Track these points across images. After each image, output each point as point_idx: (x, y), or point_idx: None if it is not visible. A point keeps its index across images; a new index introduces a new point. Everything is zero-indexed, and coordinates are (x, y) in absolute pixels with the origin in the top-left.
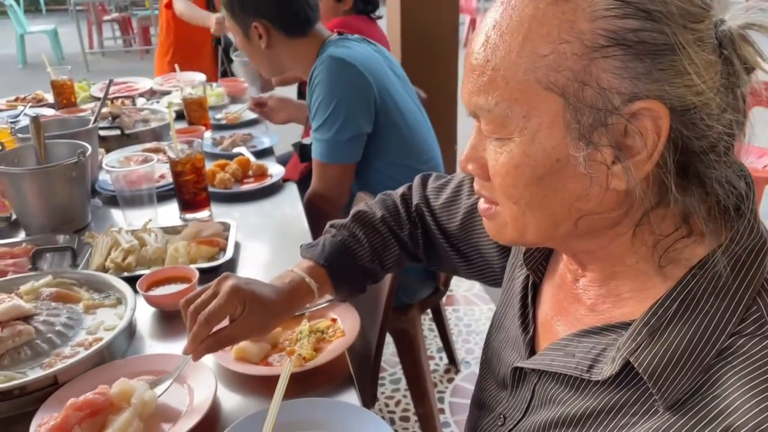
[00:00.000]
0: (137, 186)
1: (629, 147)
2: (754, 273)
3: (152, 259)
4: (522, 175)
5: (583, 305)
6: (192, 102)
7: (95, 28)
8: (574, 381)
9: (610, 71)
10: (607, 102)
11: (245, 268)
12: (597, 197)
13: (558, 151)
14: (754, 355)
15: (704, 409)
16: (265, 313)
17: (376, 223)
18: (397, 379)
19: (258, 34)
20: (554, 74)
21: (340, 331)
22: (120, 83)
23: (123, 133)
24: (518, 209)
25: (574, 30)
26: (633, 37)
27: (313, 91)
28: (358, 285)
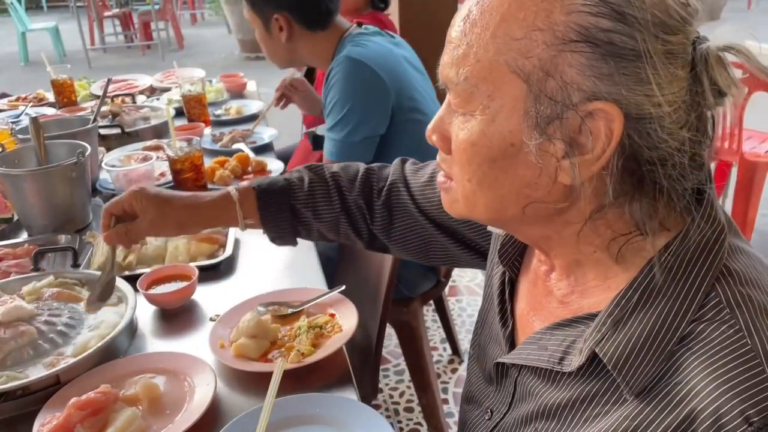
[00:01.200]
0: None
1: (580, 145)
2: (712, 261)
3: (153, 257)
4: (477, 153)
5: (554, 298)
6: (191, 99)
7: (96, 24)
8: (549, 373)
9: (574, 66)
10: (567, 97)
11: (245, 265)
12: (545, 187)
13: (513, 136)
14: (713, 340)
15: (668, 396)
16: (163, 208)
17: (325, 175)
18: (401, 371)
19: (279, 26)
20: (522, 59)
21: (338, 326)
22: (120, 81)
23: (123, 132)
24: (470, 187)
25: (549, 19)
26: (603, 37)
27: (329, 90)
28: (285, 224)
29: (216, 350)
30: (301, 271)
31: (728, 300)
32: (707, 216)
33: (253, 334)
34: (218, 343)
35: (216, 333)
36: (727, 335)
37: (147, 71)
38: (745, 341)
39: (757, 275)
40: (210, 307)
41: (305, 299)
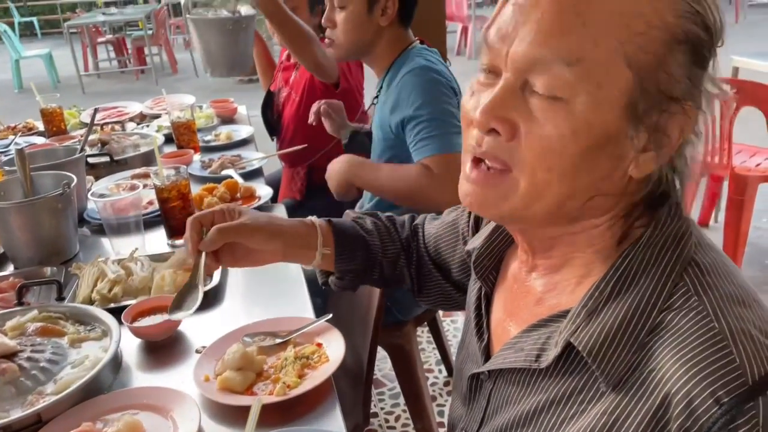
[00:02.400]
0: (124, 214)
1: (659, 139)
2: (680, 252)
3: (139, 288)
4: (575, 142)
5: (532, 298)
6: (180, 125)
7: (90, 50)
8: (525, 376)
9: (680, 65)
10: (670, 91)
11: (233, 294)
12: (617, 180)
13: (613, 126)
14: (682, 327)
15: (643, 384)
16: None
17: (382, 217)
18: (396, 394)
19: (384, 8)
20: (641, 53)
21: (325, 356)
22: (110, 108)
23: (112, 160)
24: (547, 177)
25: (663, 19)
26: (698, 44)
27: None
28: (358, 253)
29: (201, 384)
30: (290, 299)
31: (696, 288)
32: (675, 211)
33: (238, 366)
34: (203, 376)
35: (201, 365)
36: (695, 321)
37: (140, 96)
38: (712, 325)
39: (722, 267)
40: (196, 338)
41: (292, 329)
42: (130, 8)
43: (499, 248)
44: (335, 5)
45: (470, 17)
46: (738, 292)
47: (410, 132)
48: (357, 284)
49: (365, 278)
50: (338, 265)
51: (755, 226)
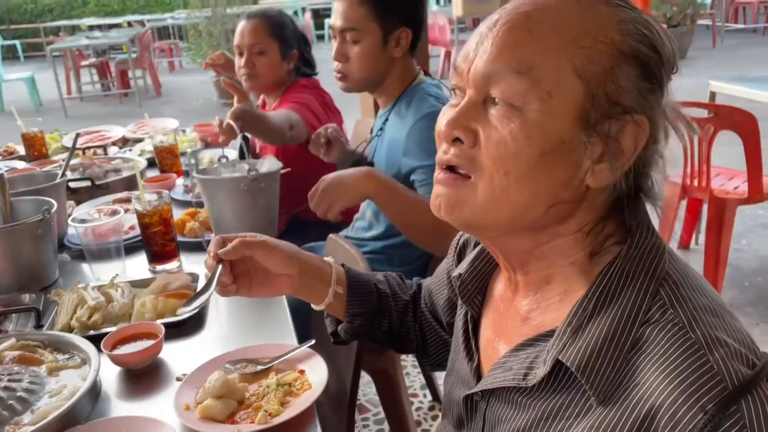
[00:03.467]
0: (105, 239)
1: (614, 150)
2: (656, 266)
3: (119, 315)
4: (530, 145)
5: (519, 317)
6: (163, 150)
7: (73, 73)
8: (515, 395)
9: (627, 78)
10: (619, 101)
11: (214, 321)
12: (573, 188)
13: (566, 133)
14: (661, 339)
15: (629, 397)
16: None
17: (389, 273)
18: (380, 420)
19: (397, 41)
20: (589, 65)
21: (307, 383)
22: (92, 132)
23: (94, 184)
24: (503, 181)
25: (609, 36)
26: (645, 60)
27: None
28: (372, 297)
29: (181, 412)
30: (272, 325)
31: (671, 301)
32: (648, 227)
33: (219, 395)
34: (183, 404)
35: (182, 394)
36: (673, 332)
37: (124, 119)
38: (688, 335)
39: (693, 280)
40: (177, 366)
41: (274, 355)
42: (114, 32)
43: (484, 272)
44: (348, 40)
45: (453, 42)
46: (709, 303)
47: (418, 176)
48: (366, 332)
49: (374, 326)
50: (350, 307)
51: (735, 248)
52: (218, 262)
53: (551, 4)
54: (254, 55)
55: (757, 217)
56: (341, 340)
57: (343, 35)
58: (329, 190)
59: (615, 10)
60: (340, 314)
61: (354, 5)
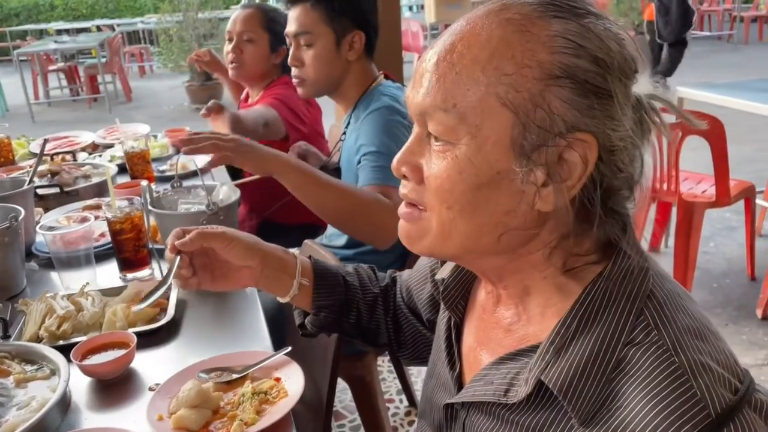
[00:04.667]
0: (74, 247)
1: (560, 173)
2: (640, 286)
3: (89, 324)
4: (462, 181)
5: (501, 328)
6: (134, 155)
7: (41, 78)
8: (496, 409)
9: (560, 99)
10: (552, 125)
11: (188, 329)
12: (522, 215)
13: (500, 164)
14: (645, 362)
15: (610, 419)
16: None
17: (361, 265)
18: (357, 426)
19: (351, 44)
20: (513, 93)
21: (284, 391)
22: (61, 138)
23: (62, 191)
24: (449, 215)
25: (534, 58)
26: (582, 75)
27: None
28: (339, 289)
29: (154, 423)
30: (247, 332)
31: (655, 322)
32: (632, 245)
33: (193, 404)
34: (156, 415)
35: (154, 404)
36: (657, 356)
37: (93, 124)
38: (672, 359)
39: (677, 299)
40: (150, 376)
41: (249, 363)
42: (83, 36)
43: (467, 278)
44: (301, 44)
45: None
46: (693, 324)
47: (367, 161)
48: (333, 324)
49: (342, 319)
50: (316, 299)
51: (703, 250)
52: (176, 255)
53: (477, 32)
54: (243, 42)
55: (725, 220)
56: (309, 333)
57: (297, 40)
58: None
59: (547, 24)
60: (306, 306)
61: (306, 10)
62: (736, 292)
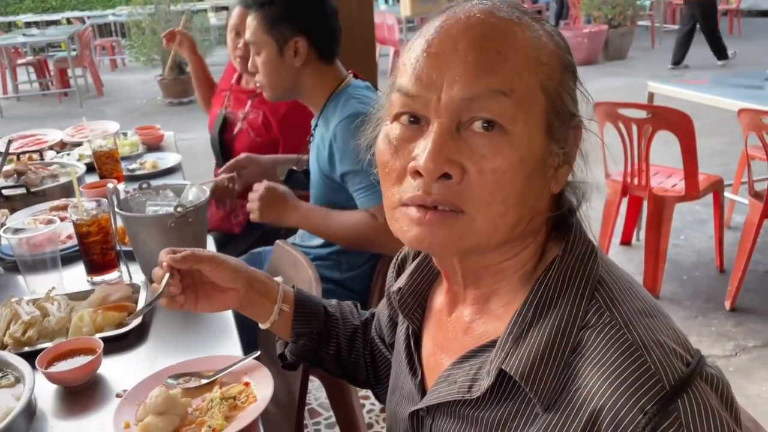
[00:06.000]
0: (40, 250)
1: (567, 153)
2: (590, 271)
3: (55, 330)
4: (522, 169)
5: (460, 328)
6: (102, 154)
7: (9, 72)
8: (461, 409)
9: (571, 86)
10: (570, 109)
11: (157, 333)
12: (545, 199)
13: (543, 149)
14: (599, 344)
15: (571, 402)
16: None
17: (343, 302)
18: (332, 423)
19: (295, 50)
20: (548, 80)
21: (252, 395)
22: (27, 136)
23: (29, 192)
24: (503, 207)
25: (553, 52)
26: (574, 67)
27: (344, 146)
28: (318, 317)
29: (120, 431)
30: (217, 336)
31: (606, 304)
32: (580, 234)
33: (161, 411)
34: (123, 422)
35: (121, 411)
36: (610, 335)
37: (64, 119)
38: (626, 337)
39: (625, 283)
40: (118, 382)
41: (218, 368)
42: (52, 29)
43: (423, 285)
44: (252, 51)
45: (402, 41)
46: (642, 305)
47: (352, 182)
48: (312, 352)
49: (321, 349)
50: (295, 326)
51: (673, 243)
52: (169, 272)
53: (500, 24)
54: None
55: (694, 213)
56: (289, 364)
57: (248, 48)
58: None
59: (541, 25)
60: (285, 334)
61: (251, 19)
62: (706, 284)
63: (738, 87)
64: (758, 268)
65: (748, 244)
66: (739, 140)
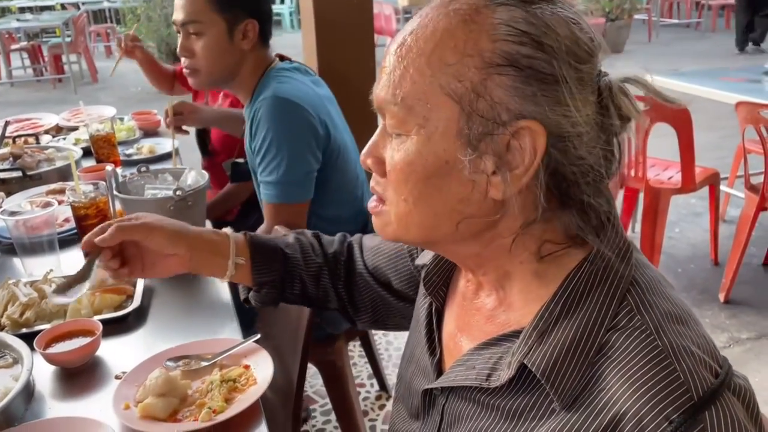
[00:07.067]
0: (37, 232)
1: (509, 161)
2: (623, 272)
3: (53, 312)
4: (413, 172)
5: (482, 315)
6: (99, 139)
7: (2, 57)
8: (476, 394)
9: (502, 88)
10: (497, 115)
11: (156, 316)
12: (476, 203)
13: (447, 154)
14: (627, 347)
15: (593, 403)
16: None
17: (306, 232)
18: (328, 410)
19: (244, 33)
20: (455, 83)
21: (252, 378)
22: (23, 120)
23: (25, 175)
24: (405, 206)
25: (477, 47)
26: (525, 62)
27: (256, 132)
28: (276, 264)
29: (120, 412)
30: (216, 319)
31: (638, 307)
32: (616, 232)
33: (161, 392)
34: (123, 403)
35: (120, 392)
36: (640, 339)
37: (58, 105)
38: (656, 343)
39: (659, 285)
40: (116, 364)
41: (218, 351)
42: (46, 14)
43: (448, 264)
44: (190, 32)
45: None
46: (675, 310)
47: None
48: (276, 298)
49: (285, 292)
50: (255, 276)
51: (668, 236)
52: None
53: (425, 24)
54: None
55: (690, 206)
56: (253, 307)
57: (186, 29)
58: None
59: (492, 13)
60: (248, 283)
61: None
62: (700, 276)
63: (736, 81)
64: (752, 261)
65: (743, 237)
66: (734, 135)
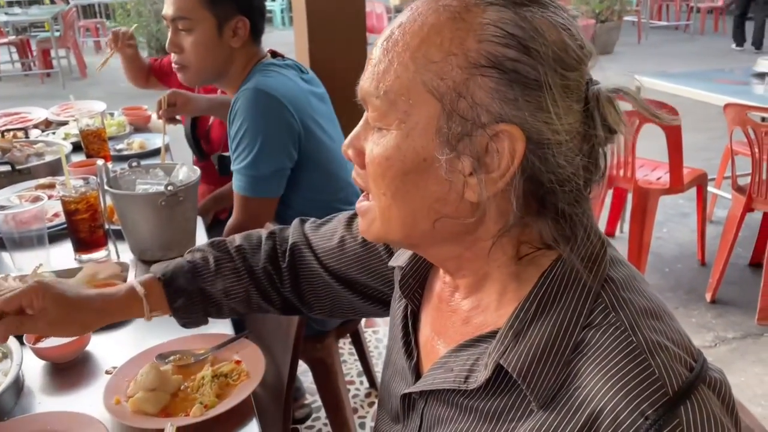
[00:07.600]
0: (27, 227)
1: (486, 163)
2: (597, 270)
3: None
4: (391, 167)
5: (458, 318)
6: (90, 133)
7: None
8: (454, 397)
9: (484, 89)
10: (476, 116)
11: None
12: (453, 203)
13: (425, 152)
14: (602, 344)
15: (570, 400)
16: (68, 311)
17: (229, 250)
18: (317, 407)
19: (234, 30)
20: (438, 80)
21: (244, 373)
22: (12, 114)
23: (14, 169)
24: (385, 200)
25: (463, 45)
26: (509, 65)
27: (233, 121)
28: (196, 308)
29: (111, 407)
30: None
31: (612, 304)
32: (590, 231)
33: (152, 387)
34: (113, 398)
35: (111, 387)
36: (615, 336)
37: (47, 100)
38: (630, 339)
39: (633, 282)
40: (106, 359)
41: (209, 346)
42: (35, 8)
43: (424, 267)
44: (179, 29)
45: None
46: (649, 305)
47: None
48: (204, 322)
49: (215, 317)
50: (178, 319)
51: (656, 236)
52: None
53: (414, 19)
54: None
55: (678, 206)
56: None
57: (175, 24)
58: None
59: (482, 12)
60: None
61: None
62: (687, 276)
63: (724, 83)
64: (739, 262)
65: (730, 237)
66: (721, 136)
